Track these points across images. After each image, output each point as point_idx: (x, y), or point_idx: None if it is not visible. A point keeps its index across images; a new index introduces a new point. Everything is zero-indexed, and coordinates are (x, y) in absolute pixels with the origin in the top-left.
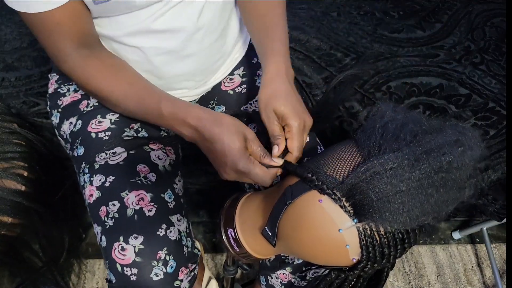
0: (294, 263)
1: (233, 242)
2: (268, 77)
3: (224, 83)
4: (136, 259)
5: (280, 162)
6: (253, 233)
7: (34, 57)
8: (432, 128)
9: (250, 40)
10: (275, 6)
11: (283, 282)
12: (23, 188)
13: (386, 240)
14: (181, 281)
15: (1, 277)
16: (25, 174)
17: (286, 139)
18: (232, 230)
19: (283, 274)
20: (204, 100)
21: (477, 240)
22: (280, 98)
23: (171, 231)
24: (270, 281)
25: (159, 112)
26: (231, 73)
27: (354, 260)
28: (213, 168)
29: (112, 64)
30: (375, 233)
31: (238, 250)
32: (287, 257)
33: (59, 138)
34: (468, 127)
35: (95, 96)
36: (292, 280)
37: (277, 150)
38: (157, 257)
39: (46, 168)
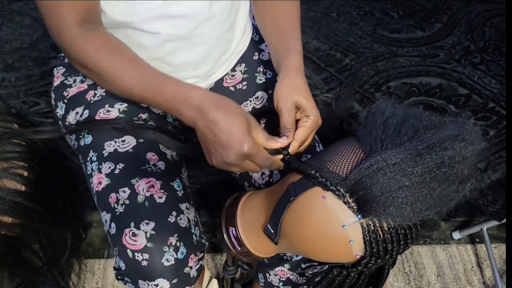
0: (292, 260)
1: (234, 241)
2: (288, 71)
3: (226, 79)
4: (148, 245)
5: (285, 141)
6: (255, 231)
7: (34, 57)
8: (432, 123)
9: (252, 35)
10: (291, 6)
11: (281, 279)
12: (23, 188)
13: (389, 235)
14: (191, 268)
15: (1, 277)
16: (25, 174)
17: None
18: (234, 229)
19: (282, 271)
20: None
21: (477, 240)
22: (302, 92)
23: (181, 218)
24: (269, 278)
25: (160, 89)
26: (233, 69)
27: (358, 256)
28: (213, 168)
29: (113, 41)
30: (379, 229)
31: (239, 249)
32: (286, 254)
33: (63, 129)
34: (468, 122)
35: (91, 71)
36: (291, 277)
37: (285, 140)
38: (168, 243)
39: (46, 168)
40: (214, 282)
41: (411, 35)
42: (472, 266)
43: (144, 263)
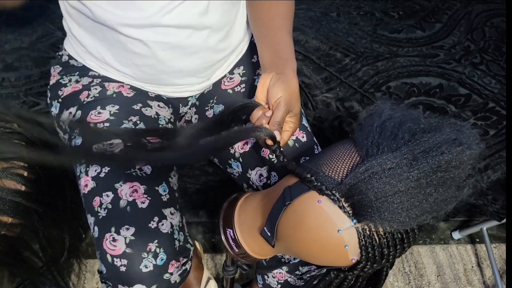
0: (290, 262)
1: (232, 243)
2: (287, 66)
3: (224, 82)
4: (127, 250)
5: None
6: (252, 233)
7: (34, 57)
8: (430, 126)
9: (252, 39)
10: (284, 10)
11: (279, 281)
12: (23, 188)
13: (385, 240)
14: (171, 274)
15: (1, 277)
16: (25, 174)
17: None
18: (231, 231)
19: (280, 273)
20: (204, 100)
21: (477, 240)
22: (298, 100)
23: (163, 224)
24: (267, 280)
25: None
26: (231, 72)
27: (354, 261)
28: (213, 168)
29: None
30: (374, 234)
31: (237, 250)
32: (284, 257)
33: (58, 129)
34: (466, 125)
35: None
36: (289, 280)
37: (279, 135)
38: (148, 249)
39: (46, 168)
40: (212, 282)
41: (411, 35)
42: (472, 266)
43: (123, 268)
